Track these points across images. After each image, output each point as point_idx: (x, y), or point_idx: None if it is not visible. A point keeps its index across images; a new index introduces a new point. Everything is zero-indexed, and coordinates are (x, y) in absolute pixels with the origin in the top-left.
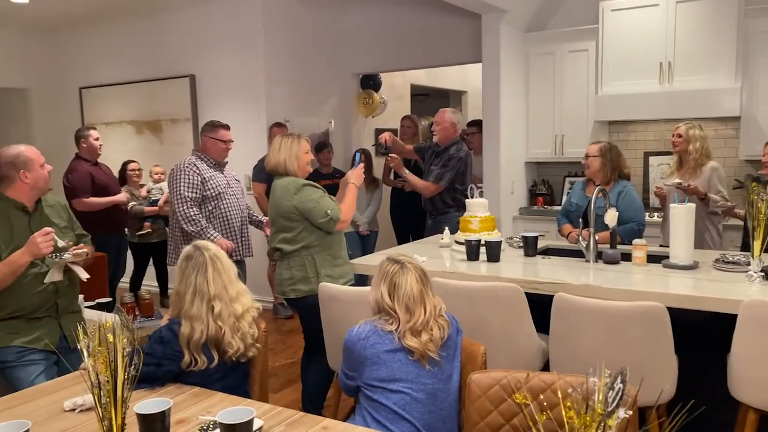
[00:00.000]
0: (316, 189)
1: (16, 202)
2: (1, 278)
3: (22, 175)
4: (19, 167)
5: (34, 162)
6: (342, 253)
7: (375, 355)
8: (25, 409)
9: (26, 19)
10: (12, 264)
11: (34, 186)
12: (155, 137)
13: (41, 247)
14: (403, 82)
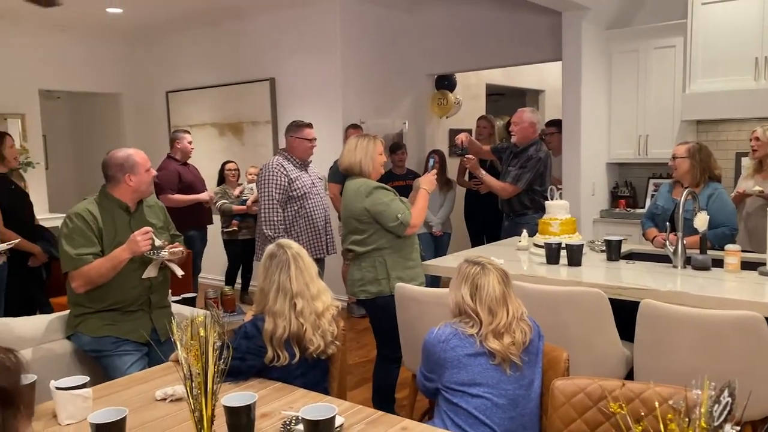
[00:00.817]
0: (388, 192)
1: (120, 201)
2: (104, 272)
3: (127, 178)
4: (126, 170)
5: (140, 166)
6: (414, 256)
7: (455, 359)
8: (120, 397)
9: (119, 29)
10: (114, 259)
11: (137, 189)
12: (237, 139)
13: (140, 245)
14: (478, 82)
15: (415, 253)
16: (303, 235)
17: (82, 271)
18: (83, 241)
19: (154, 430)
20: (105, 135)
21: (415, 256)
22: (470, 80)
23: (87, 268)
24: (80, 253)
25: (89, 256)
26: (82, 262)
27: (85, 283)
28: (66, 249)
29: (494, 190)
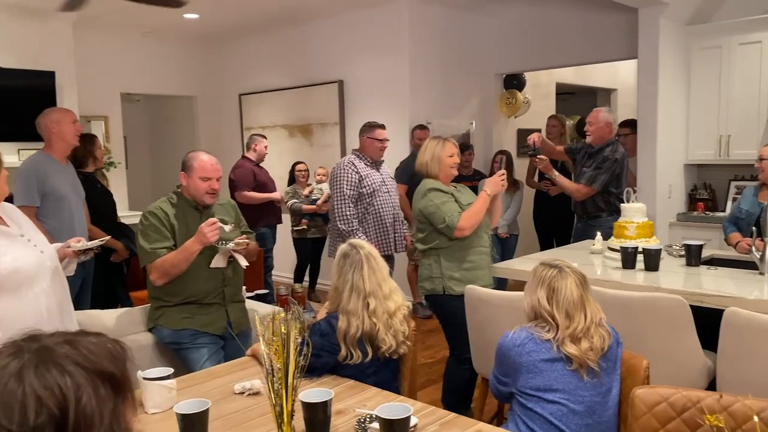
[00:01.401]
0: (441, 194)
1: (190, 201)
2: (177, 263)
3: (182, 176)
4: (184, 169)
5: (194, 171)
6: (474, 258)
7: (531, 363)
8: (200, 389)
9: (194, 33)
10: (185, 251)
11: (187, 190)
12: (306, 140)
13: (208, 236)
14: (548, 81)
15: (476, 255)
16: (371, 231)
17: (156, 263)
18: (157, 236)
19: (234, 422)
20: (180, 136)
21: (475, 259)
22: (540, 79)
23: (161, 260)
24: (154, 247)
25: (163, 249)
26: (156, 255)
27: (162, 275)
28: (142, 244)
29: (567, 191)
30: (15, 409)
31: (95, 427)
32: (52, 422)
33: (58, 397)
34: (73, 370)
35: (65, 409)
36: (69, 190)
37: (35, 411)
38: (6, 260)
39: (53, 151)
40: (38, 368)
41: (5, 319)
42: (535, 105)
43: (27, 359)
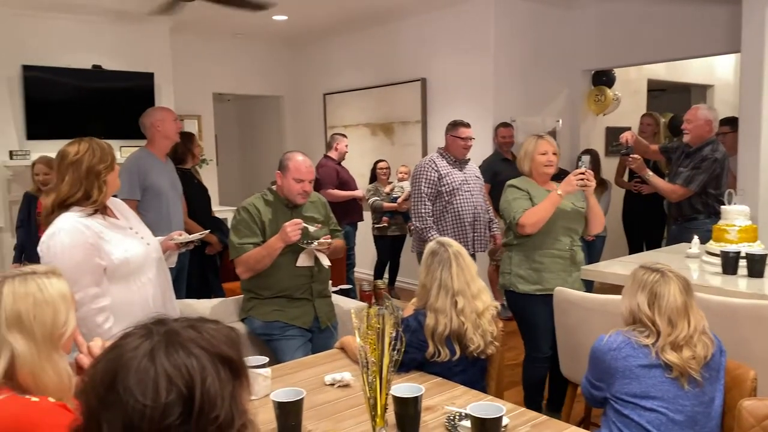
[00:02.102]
0: (516, 190)
1: (282, 199)
2: (260, 259)
3: (278, 175)
4: (280, 168)
5: (289, 172)
6: (544, 260)
7: (627, 369)
8: (292, 379)
9: (282, 34)
10: (268, 248)
11: (281, 189)
12: (387, 138)
13: (290, 235)
14: (638, 77)
15: (547, 258)
16: (449, 229)
17: (242, 258)
18: (247, 232)
19: (325, 412)
20: (267, 135)
21: (544, 260)
22: (630, 75)
23: (246, 255)
24: (242, 242)
25: (250, 245)
26: (243, 250)
27: (246, 269)
28: (232, 239)
29: (662, 192)
30: (148, 386)
31: (217, 408)
32: (180, 401)
33: (186, 378)
34: (198, 352)
35: (192, 389)
36: (168, 186)
37: (166, 389)
38: (117, 251)
39: (154, 148)
40: (168, 349)
41: (116, 307)
42: (625, 102)
43: (157, 341)
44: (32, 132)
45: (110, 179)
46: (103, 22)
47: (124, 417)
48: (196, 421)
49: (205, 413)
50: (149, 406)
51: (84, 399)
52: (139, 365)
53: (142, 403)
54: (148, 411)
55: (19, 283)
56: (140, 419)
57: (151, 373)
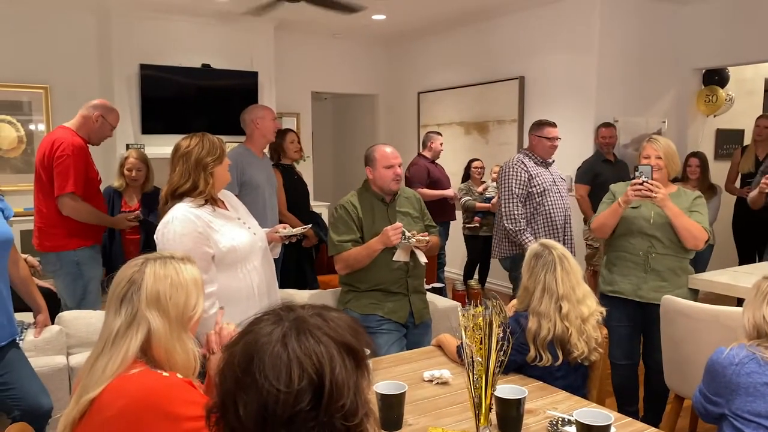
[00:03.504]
0: (608, 194)
1: (377, 194)
2: (360, 259)
3: (368, 170)
4: (368, 163)
5: (377, 162)
6: (618, 262)
7: (751, 385)
8: (390, 373)
9: (379, 33)
10: (368, 249)
11: (375, 182)
12: (481, 137)
13: (392, 239)
14: (754, 76)
15: (620, 261)
16: (540, 231)
17: (342, 255)
18: (345, 229)
19: (425, 408)
20: (361, 133)
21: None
22: (745, 74)
23: (346, 254)
24: (341, 240)
25: (348, 243)
26: (342, 247)
27: (345, 267)
28: (331, 235)
29: None
30: (282, 372)
31: (344, 397)
32: (311, 387)
33: (316, 365)
34: (326, 341)
35: (322, 376)
36: (264, 181)
37: (298, 375)
38: (225, 239)
39: (252, 145)
40: (299, 336)
41: (223, 293)
42: (739, 103)
43: (287, 327)
44: (146, 127)
45: (218, 172)
46: (213, 23)
47: (259, 400)
48: (325, 408)
49: (333, 401)
50: (283, 391)
51: (221, 379)
52: (273, 350)
53: (276, 387)
54: (282, 396)
55: (160, 266)
56: (275, 403)
57: (284, 358)
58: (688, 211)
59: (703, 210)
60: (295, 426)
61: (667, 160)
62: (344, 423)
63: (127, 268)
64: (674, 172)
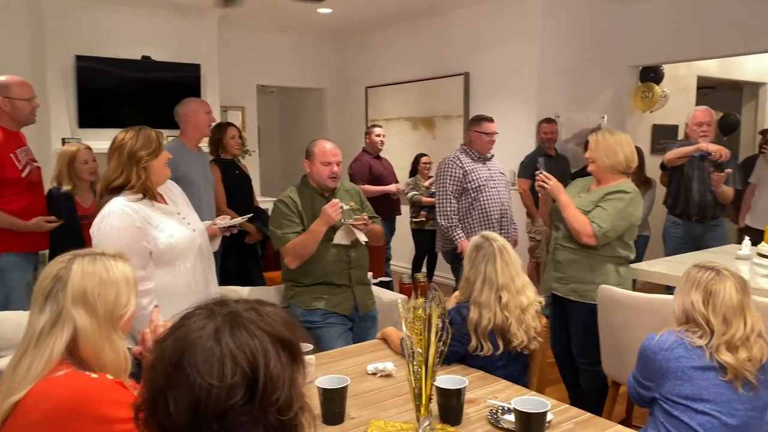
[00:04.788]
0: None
1: (315, 188)
2: (305, 244)
3: (306, 164)
4: (307, 157)
5: (315, 157)
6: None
7: (680, 369)
8: (334, 367)
9: (326, 27)
10: (311, 233)
11: (311, 177)
12: (429, 132)
13: (332, 216)
14: (688, 74)
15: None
16: (476, 226)
17: (288, 247)
18: (287, 222)
19: (368, 401)
20: (309, 127)
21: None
22: (680, 72)
23: (291, 243)
24: (285, 232)
25: (293, 234)
26: (286, 239)
27: (294, 257)
28: (274, 230)
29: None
30: (215, 366)
31: (278, 391)
32: (245, 381)
33: (250, 359)
34: (260, 335)
35: (256, 370)
36: (199, 177)
37: (232, 370)
38: (164, 236)
39: (186, 139)
40: (232, 331)
41: (160, 290)
42: (674, 99)
43: (221, 321)
44: (84, 120)
45: (153, 166)
46: (154, 14)
47: (190, 395)
48: (259, 403)
49: (267, 395)
50: (215, 385)
51: (151, 375)
52: (205, 345)
53: (209, 382)
54: (214, 390)
55: (88, 262)
56: (206, 398)
57: (217, 353)
58: (594, 205)
59: (608, 206)
60: (228, 421)
61: (596, 154)
62: (278, 417)
63: (54, 264)
64: (616, 165)
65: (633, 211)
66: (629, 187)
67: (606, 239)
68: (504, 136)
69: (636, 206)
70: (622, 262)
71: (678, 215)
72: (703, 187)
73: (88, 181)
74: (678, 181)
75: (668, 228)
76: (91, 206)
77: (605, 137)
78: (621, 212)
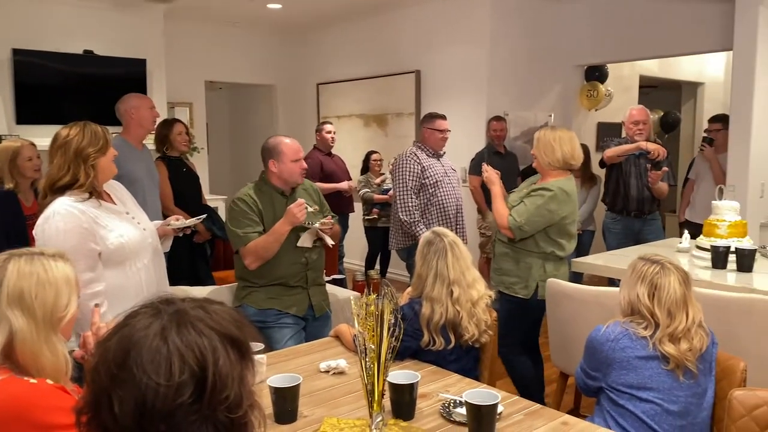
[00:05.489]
0: None
1: (276, 187)
2: (267, 246)
3: (271, 164)
4: (271, 156)
5: (285, 155)
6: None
7: (625, 360)
8: (286, 366)
9: (276, 23)
10: (275, 233)
11: (280, 176)
12: (381, 130)
13: (298, 215)
14: (631, 73)
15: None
16: (434, 221)
17: (249, 247)
18: (247, 221)
19: (321, 399)
20: (259, 124)
21: None
22: (623, 71)
23: (253, 244)
24: (246, 232)
25: (254, 234)
26: (247, 239)
27: (256, 258)
28: (233, 230)
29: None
30: (162, 365)
31: (227, 389)
32: (193, 380)
33: (198, 357)
34: (209, 332)
35: (205, 368)
36: (143, 174)
37: (179, 368)
38: (113, 236)
39: (129, 136)
40: (179, 329)
41: (110, 292)
42: (618, 98)
43: (167, 320)
44: (22, 116)
45: (101, 164)
46: (96, 7)
47: (136, 395)
48: (208, 401)
49: (216, 393)
50: (163, 384)
51: (94, 376)
52: (151, 344)
53: (156, 381)
54: (162, 389)
55: (25, 262)
56: (153, 397)
57: (164, 351)
58: (521, 200)
59: (529, 202)
60: (176, 420)
61: (537, 151)
62: (228, 415)
63: None
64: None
65: (554, 208)
66: (554, 185)
67: (522, 233)
68: (455, 133)
69: (559, 204)
70: (548, 258)
71: (618, 211)
72: (640, 183)
73: (31, 179)
74: (617, 177)
75: (608, 224)
76: (32, 206)
77: (546, 134)
78: (538, 208)
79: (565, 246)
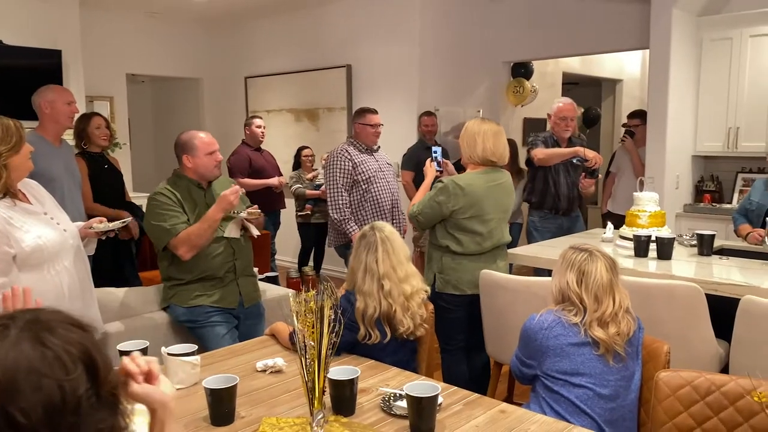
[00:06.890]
0: None
1: (193, 180)
2: (201, 233)
3: (185, 159)
4: (185, 151)
5: (199, 150)
6: None
7: (558, 347)
8: (222, 366)
9: (201, 15)
10: (208, 220)
11: (195, 170)
12: (312, 125)
13: (232, 201)
14: (555, 70)
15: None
16: (369, 218)
17: (181, 237)
18: (171, 213)
19: (259, 398)
20: (185, 119)
21: None
22: (547, 68)
23: (185, 233)
24: (173, 223)
25: (182, 224)
26: (176, 230)
27: (190, 248)
28: (158, 224)
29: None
30: (55, 366)
31: (110, 372)
32: (86, 370)
33: (81, 348)
34: (71, 328)
35: (91, 356)
36: (62, 172)
37: (72, 362)
38: (29, 237)
39: (45, 132)
40: (49, 331)
41: None
42: (542, 94)
43: (27, 328)
44: None
45: (15, 162)
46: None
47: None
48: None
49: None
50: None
51: None
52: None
53: (61, 378)
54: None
55: None
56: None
57: (50, 353)
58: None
59: (428, 194)
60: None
61: (461, 142)
62: (113, 392)
63: None
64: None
65: (442, 200)
66: (451, 178)
67: (418, 223)
68: (387, 128)
69: (448, 197)
70: (446, 253)
71: (547, 209)
72: (569, 180)
73: None
74: (545, 176)
75: (536, 223)
76: None
77: (472, 126)
78: (430, 199)
79: (462, 242)
